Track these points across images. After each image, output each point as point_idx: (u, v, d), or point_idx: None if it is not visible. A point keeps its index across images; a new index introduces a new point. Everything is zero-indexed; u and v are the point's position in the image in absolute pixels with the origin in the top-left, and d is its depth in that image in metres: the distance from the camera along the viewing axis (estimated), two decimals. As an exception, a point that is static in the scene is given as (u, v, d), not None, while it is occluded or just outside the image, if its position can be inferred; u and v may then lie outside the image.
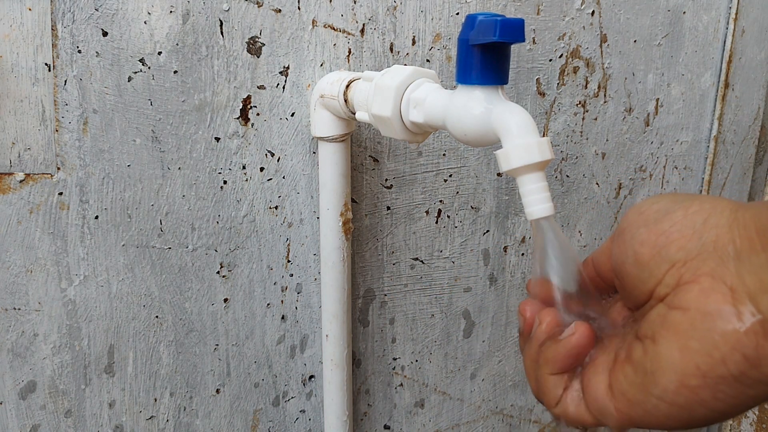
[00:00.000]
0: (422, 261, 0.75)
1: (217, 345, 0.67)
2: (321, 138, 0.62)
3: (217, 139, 0.62)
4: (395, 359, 0.76)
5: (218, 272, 0.66)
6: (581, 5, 0.74)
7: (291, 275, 0.69)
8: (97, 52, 0.57)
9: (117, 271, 0.62)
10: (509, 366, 0.83)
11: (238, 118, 0.62)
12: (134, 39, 0.57)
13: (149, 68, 0.58)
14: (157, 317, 0.64)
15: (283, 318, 0.70)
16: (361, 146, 0.68)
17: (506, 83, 0.43)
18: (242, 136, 0.63)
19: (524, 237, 0.79)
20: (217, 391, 0.69)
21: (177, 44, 0.59)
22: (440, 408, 0.81)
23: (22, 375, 0.61)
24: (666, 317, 0.32)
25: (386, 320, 0.75)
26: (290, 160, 0.65)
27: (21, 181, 0.57)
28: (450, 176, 0.73)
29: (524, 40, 0.41)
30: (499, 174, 0.76)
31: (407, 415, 0.79)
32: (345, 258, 0.65)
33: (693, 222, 0.32)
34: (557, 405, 0.36)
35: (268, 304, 0.68)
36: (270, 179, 0.65)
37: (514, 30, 0.39)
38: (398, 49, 0.67)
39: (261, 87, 0.62)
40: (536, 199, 0.38)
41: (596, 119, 0.79)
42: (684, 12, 0.80)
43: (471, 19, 0.41)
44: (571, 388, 0.36)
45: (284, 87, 0.63)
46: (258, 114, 0.63)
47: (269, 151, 0.64)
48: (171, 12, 0.58)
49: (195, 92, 0.60)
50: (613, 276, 0.37)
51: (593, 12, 0.75)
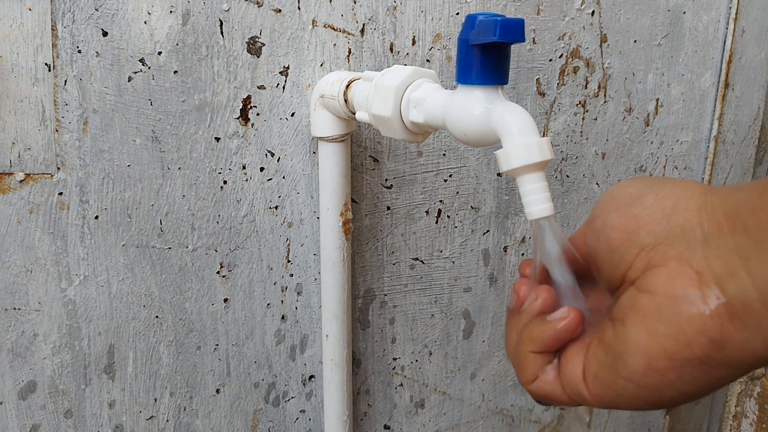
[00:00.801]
0: (422, 261, 0.75)
1: (217, 345, 0.67)
2: (321, 138, 0.62)
3: (217, 139, 0.62)
4: (395, 359, 0.76)
5: (218, 272, 0.66)
6: (581, 5, 0.74)
7: (291, 275, 0.69)
8: (97, 52, 0.57)
9: (117, 271, 0.62)
10: (509, 366, 0.83)
11: (238, 118, 0.62)
12: (134, 39, 0.57)
13: (149, 68, 0.58)
14: (157, 317, 0.64)
15: (283, 318, 0.70)
16: (361, 146, 0.68)
17: (506, 83, 0.43)
18: (242, 136, 0.63)
19: (524, 237, 0.79)
20: (217, 391, 0.69)
21: (177, 44, 0.59)
22: (440, 408, 0.81)
23: (22, 375, 0.61)
24: (635, 300, 0.32)
25: (386, 320, 0.75)
26: (290, 160, 0.65)
27: (21, 181, 0.57)
28: (450, 176, 0.73)
29: (524, 40, 0.41)
30: (499, 174, 0.76)
31: (407, 415, 0.79)
32: (345, 258, 0.65)
33: (663, 206, 0.32)
34: (533, 383, 0.37)
35: (268, 304, 0.68)
36: (270, 179, 0.65)
37: (514, 30, 0.39)
38: (398, 49, 0.67)
39: (261, 87, 0.62)
40: (536, 199, 0.38)
41: (596, 119, 0.79)
42: (684, 12, 0.80)
43: (471, 19, 0.41)
44: (549, 368, 0.36)
45: (284, 87, 0.63)
46: (258, 114, 0.63)
47: (269, 151, 0.64)
48: (171, 12, 0.58)
49: (195, 92, 0.60)
50: (590, 260, 0.37)
51: (593, 12, 0.75)
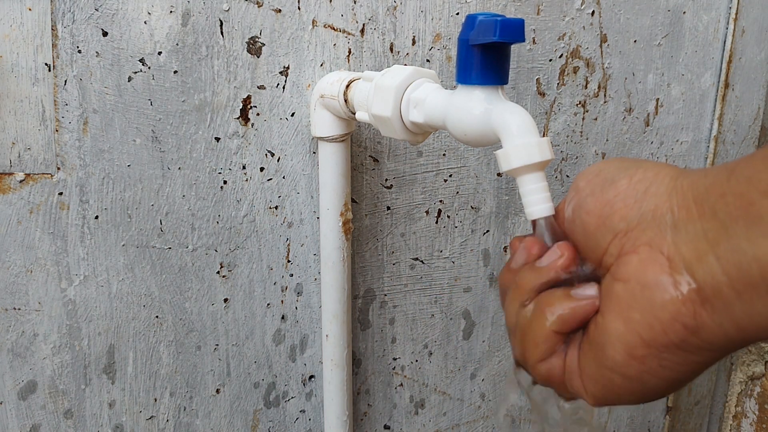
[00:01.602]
0: (422, 261, 0.75)
1: (217, 345, 0.67)
2: (321, 138, 0.62)
3: (217, 139, 0.62)
4: (395, 359, 0.76)
5: (218, 272, 0.66)
6: (581, 5, 0.74)
7: (291, 275, 0.69)
8: (97, 52, 0.57)
9: (117, 271, 0.62)
10: (509, 366, 0.83)
11: (238, 118, 0.62)
12: (134, 39, 0.57)
13: (149, 68, 0.58)
14: (157, 317, 0.64)
15: (283, 318, 0.70)
16: (361, 146, 0.68)
17: (506, 83, 0.43)
18: (242, 136, 0.63)
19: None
20: (217, 391, 0.69)
21: (177, 44, 0.59)
22: (440, 408, 0.81)
23: (22, 375, 0.61)
24: (610, 289, 0.32)
25: (386, 320, 0.75)
26: (290, 160, 0.65)
27: (21, 181, 0.57)
28: (450, 176, 0.73)
29: (524, 40, 0.41)
30: (499, 174, 0.76)
31: (407, 415, 0.79)
32: (345, 258, 0.65)
33: (636, 191, 0.32)
34: (542, 362, 0.35)
35: (268, 304, 0.68)
36: (270, 179, 0.65)
37: (514, 30, 0.39)
38: (398, 49, 0.67)
39: (261, 87, 0.62)
40: (536, 199, 0.38)
41: (596, 119, 0.79)
42: (684, 12, 0.80)
43: (471, 19, 0.41)
44: (560, 349, 0.34)
45: (284, 87, 0.63)
46: (258, 114, 0.63)
47: (269, 151, 0.64)
48: (171, 12, 0.58)
49: (195, 92, 0.60)
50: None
51: (593, 12, 0.75)
